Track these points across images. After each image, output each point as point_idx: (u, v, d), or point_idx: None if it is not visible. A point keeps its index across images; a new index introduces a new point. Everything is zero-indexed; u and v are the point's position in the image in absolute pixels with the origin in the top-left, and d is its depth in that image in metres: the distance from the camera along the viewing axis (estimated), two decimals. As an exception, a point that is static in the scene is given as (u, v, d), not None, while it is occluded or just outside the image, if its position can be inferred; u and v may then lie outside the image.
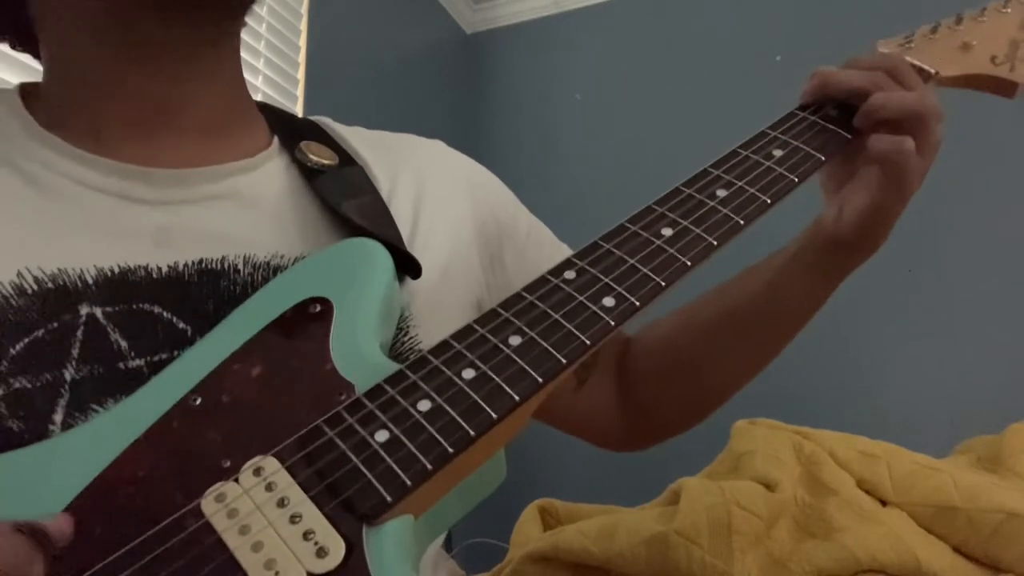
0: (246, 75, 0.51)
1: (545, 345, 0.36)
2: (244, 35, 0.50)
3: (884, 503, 0.81)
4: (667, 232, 0.41)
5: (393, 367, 0.36)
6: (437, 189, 0.54)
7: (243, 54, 0.50)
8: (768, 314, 0.56)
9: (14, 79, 1.07)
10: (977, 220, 1.58)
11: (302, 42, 1.67)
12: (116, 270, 0.40)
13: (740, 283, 0.57)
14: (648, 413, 0.62)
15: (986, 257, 1.57)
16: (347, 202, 0.46)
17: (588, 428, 0.63)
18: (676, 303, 0.59)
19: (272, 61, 1.57)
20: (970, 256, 1.58)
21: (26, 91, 0.47)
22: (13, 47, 0.50)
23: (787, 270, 0.54)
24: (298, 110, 1.63)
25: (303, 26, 1.68)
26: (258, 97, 1.53)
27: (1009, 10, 0.53)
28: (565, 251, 0.63)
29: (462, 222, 0.54)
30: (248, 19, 0.48)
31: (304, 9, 1.68)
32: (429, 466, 0.31)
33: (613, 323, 0.37)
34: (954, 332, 1.56)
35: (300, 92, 1.64)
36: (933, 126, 0.47)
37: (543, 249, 0.60)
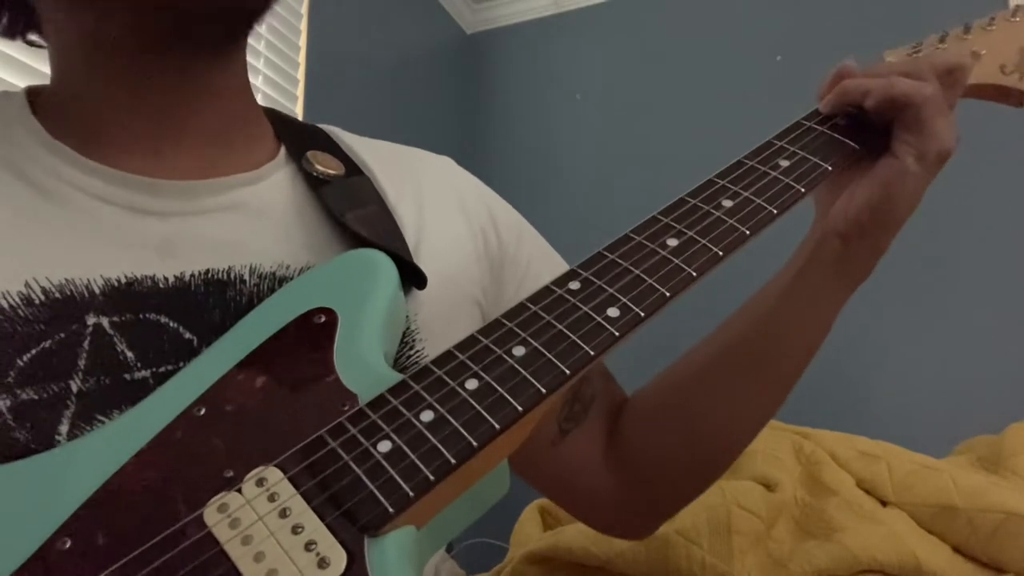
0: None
1: (549, 356, 0.35)
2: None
3: (884, 503, 0.81)
4: (672, 243, 0.41)
5: (397, 377, 0.36)
6: (443, 203, 0.54)
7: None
8: (777, 341, 0.52)
9: (14, 80, 1.07)
10: (977, 220, 1.58)
11: (302, 42, 1.67)
12: (123, 280, 0.40)
13: (742, 315, 0.54)
14: (641, 475, 0.55)
15: (986, 257, 1.57)
16: (352, 212, 0.46)
17: (571, 489, 0.58)
18: (680, 317, 0.58)
19: (272, 61, 1.57)
20: (970, 256, 1.59)
21: (33, 95, 0.47)
22: (29, 43, 0.50)
23: (796, 289, 0.51)
24: (298, 110, 1.63)
25: (303, 26, 1.68)
26: (258, 97, 1.53)
27: (1018, 19, 0.53)
28: None
29: (466, 236, 0.53)
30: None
31: (304, 9, 1.68)
32: (431, 477, 0.31)
33: (618, 334, 0.36)
34: (954, 332, 1.56)
35: (300, 92, 1.64)
36: (948, 103, 0.47)
37: (545, 273, 0.56)
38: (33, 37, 0.49)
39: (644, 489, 0.56)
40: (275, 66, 1.58)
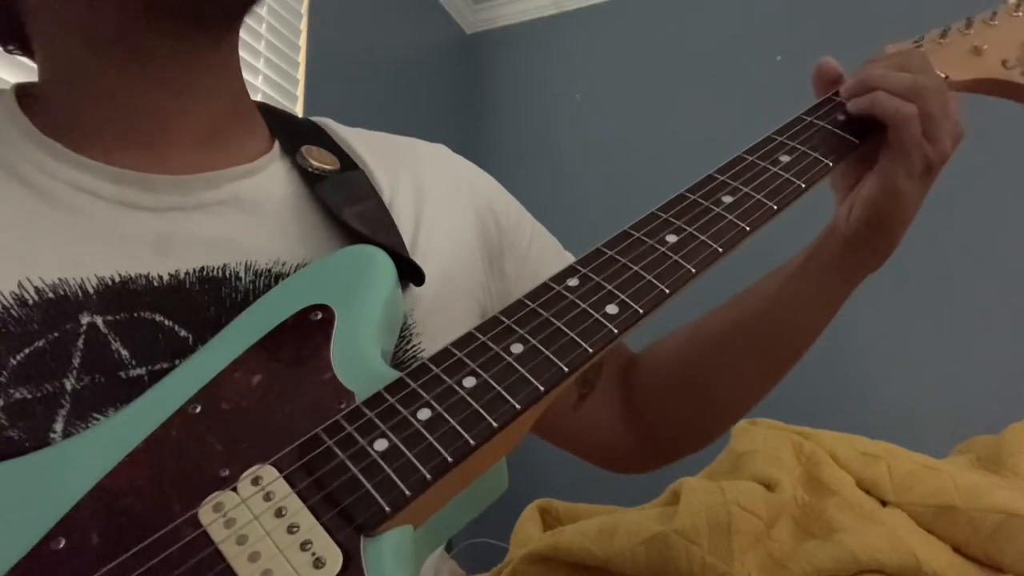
0: (246, 75, 0.51)
1: (547, 353, 0.35)
2: (244, 35, 0.49)
3: (884, 503, 0.81)
4: (672, 239, 0.41)
5: (394, 375, 0.36)
6: (439, 194, 0.54)
7: (243, 54, 0.50)
8: (781, 324, 0.54)
9: (13, 79, 1.07)
10: (977, 220, 1.58)
11: (302, 42, 1.67)
12: (117, 279, 0.40)
13: (751, 293, 0.56)
14: (654, 432, 0.60)
15: (986, 257, 1.57)
16: (349, 208, 0.46)
17: (590, 446, 0.62)
18: (681, 313, 0.59)
19: (272, 61, 1.57)
20: (970, 256, 1.58)
21: (23, 93, 0.46)
22: (8, 51, 0.49)
23: (800, 277, 0.53)
24: (298, 110, 1.63)
25: (303, 26, 1.68)
26: (258, 97, 1.53)
27: (1020, 13, 0.52)
28: (569, 259, 0.63)
29: (464, 227, 0.53)
30: (248, 19, 0.47)
31: (304, 9, 1.68)
32: (428, 476, 0.31)
33: (616, 331, 0.36)
34: (954, 332, 1.56)
35: (300, 92, 1.64)
36: (934, 111, 0.46)
37: (545, 257, 0.59)
38: (12, 47, 0.48)
39: (659, 439, 0.61)
40: (275, 66, 1.58)
